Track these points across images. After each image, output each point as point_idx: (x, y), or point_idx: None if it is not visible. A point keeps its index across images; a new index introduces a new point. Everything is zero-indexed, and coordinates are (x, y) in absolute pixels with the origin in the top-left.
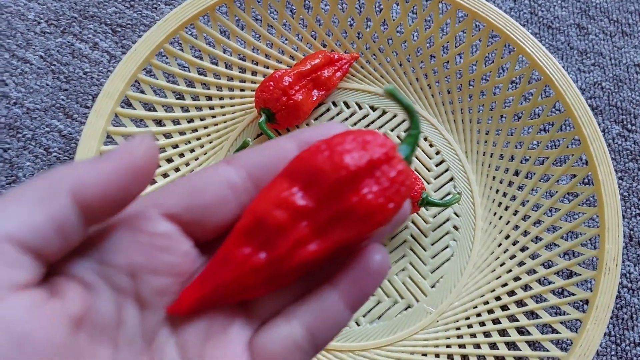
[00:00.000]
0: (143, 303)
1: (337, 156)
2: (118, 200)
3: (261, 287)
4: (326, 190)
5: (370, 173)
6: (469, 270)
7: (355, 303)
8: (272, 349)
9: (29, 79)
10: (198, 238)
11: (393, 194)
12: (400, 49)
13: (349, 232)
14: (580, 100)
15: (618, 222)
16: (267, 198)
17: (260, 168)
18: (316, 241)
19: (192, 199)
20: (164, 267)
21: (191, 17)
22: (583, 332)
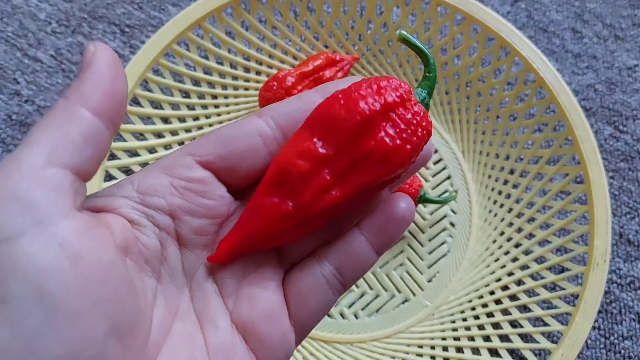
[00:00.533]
0: (183, 241)
1: (352, 103)
2: (119, 97)
3: (291, 233)
4: (344, 137)
5: (386, 116)
6: (465, 265)
7: (381, 246)
8: (304, 285)
9: (40, 77)
10: (231, 184)
11: (409, 136)
12: (400, 50)
13: (369, 175)
14: (572, 102)
15: (607, 219)
16: (290, 149)
17: (288, 118)
18: (338, 186)
19: (225, 148)
20: (201, 210)
21: (198, 19)
22: (572, 324)
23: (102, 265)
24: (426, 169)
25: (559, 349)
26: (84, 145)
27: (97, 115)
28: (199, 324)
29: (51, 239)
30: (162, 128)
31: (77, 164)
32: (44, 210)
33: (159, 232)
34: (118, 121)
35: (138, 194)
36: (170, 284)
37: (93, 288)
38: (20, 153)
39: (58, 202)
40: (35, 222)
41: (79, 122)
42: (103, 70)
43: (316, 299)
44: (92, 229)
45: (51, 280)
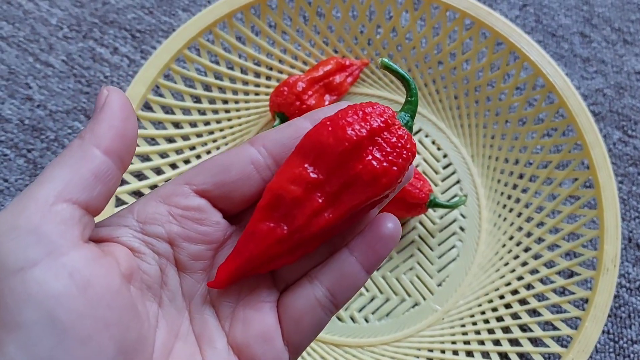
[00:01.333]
0: (181, 266)
1: (340, 130)
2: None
3: (286, 256)
4: (334, 162)
5: (373, 141)
6: (474, 270)
7: (370, 265)
8: (297, 307)
9: (51, 82)
10: (227, 210)
11: (395, 158)
12: (410, 55)
13: (359, 197)
14: (582, 107)
15: (617, 224)
16: (283, 176)
17: (279, 146)
18: (330, 209)
19: (220, 177)
20: (198, 236)
21: (209, 25)
22: (582, 329)
23: (109, 292)
24: (436, 173)
25: (569, 353)
26: (95, 182)
27: (108, 155)
28: (198, 345)
29: (61, 268)
30: (173, 133)
31: (86, 200)
32: (55, 242)
33: (159, 259)
34: (128, 160)
35: (138, 223)
36: (171, 307)
37: (101, 313)
38: (35, 188)
39: (67, 234)
40: (47, 252)
41: (91, 160)
42: (115, 112)
43: (309, 321)
44: (99, 258)
45: (62, 307)
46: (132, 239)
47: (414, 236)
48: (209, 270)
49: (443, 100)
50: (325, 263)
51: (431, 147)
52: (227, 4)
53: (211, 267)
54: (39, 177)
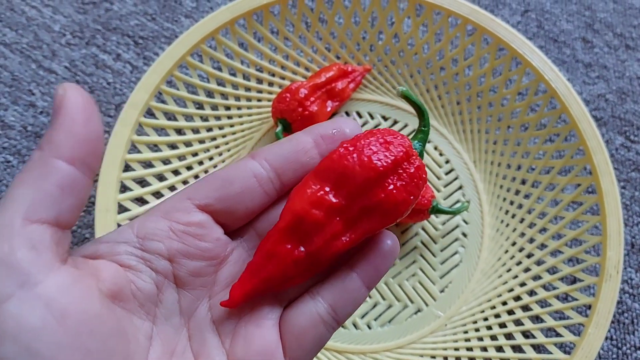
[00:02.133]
0: (181, 283)
1: (365, 158)
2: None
3: (301, 276)
4: (356, 189)
5: (394, 170)
6: (477, 276)
7: (371, 281)
8: (299, 323)
9: (54, 88)
10: (229, 225)
11: (413, 188)
12: (412, 61)
13: (377, 223)
14: (584, 113)
15: (620, 230)
16: (304, 198)
17: (281, 159)
18: (348, 233)
19: (223, 191)
20: (198, 252)
21: (211, 31)
22: (585, 335)
23: (89, 318)
24: (438, 179)
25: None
26: (62, 197)
27: (72, 164)
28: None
29: (36, 300)
30: (176, 139)
31: (55, 216)
32: (27, 271)
33: (156, 276)
34: (95, 165)
35: (138, 239)
36: (167, 325)
37: (81, 341)
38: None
39: (40, 260)
40: (20, 284)
41: (54, 174)
42: (74, 115)
43: (311, 337)
44: (76, 283)
45: (40, 340)
46: (129, 256)
47: (417, 242)
48: (211, 287)
49: (445, 106)
50: (327, 279)
51: (433, 152)
52: (230, 10)
53: (212, 283)
54: (3, 200)
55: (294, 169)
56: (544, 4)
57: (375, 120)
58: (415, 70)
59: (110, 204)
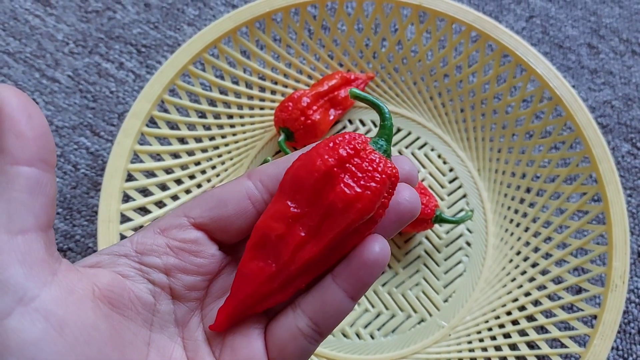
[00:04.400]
0: (176, 295)
1: (310, 162)
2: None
3: (278, 294)
4: (310, 195)
5: (343, 168)
6: (481, 285)
7: (355, 293)
8: (281, 336)
9: (57, 97)
10: (223, 242)
11: (367, 182)
12: (415, 68)
13: (337, 225)
14: (589, 121)
15: (626, 240)
16: (267, 214)
17: (276, 181)
18: (313, 241)
19: (217, 211)
20: (193, 268)
21: (214, 40)
22: (590, 347)
23: (85, 327)
24: (442, 187)
25: None
26: (33, 200)
27: (30, 165)
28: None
29: (35, 314)
30: (178, 149)
31: (34, 220)
32: (23, 286)
33: (153, 288)
34: (51, 158)
35: (136, 254)
36: (163, 334)
37: (80, 349)
38: None
39: (33, 272)
40: (18, 300)
41: (18, 180)
42: (15, 116)
43: (293, 350)
44: (72, 293)
45: (43, 351)
46: (128, 268)
47: (420, 251)
48: (203, 299)
49: (449, 113)
50: (309, 291)
51: (437, 160)
52: (232, 18)
53: (205, 296)
54: None
55: None
56: (549, 10)
57: None
58: (419, 78)
59: (113, 214)
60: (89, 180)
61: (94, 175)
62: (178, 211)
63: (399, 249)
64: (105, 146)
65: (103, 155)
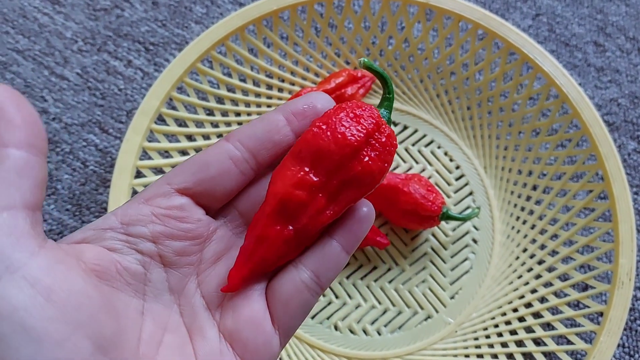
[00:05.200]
0: (167, 263)
1: (339, 135)
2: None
3: (292, 253)
4: (334, 165)
5: (367, 142)
6: (487, 282)
7: (349, 246)
8: (284, 291)
9: (66, 95)
10: (209, 206)
11: (387, 155)
12: (422, 66)
13: (357, 194)
14: (596, 118)
15: (632, 237)
16: (285, 181)
17: (255, 140)
18: (331, 206)
19: (200, 175)
20: (181, 233)
21: (222, 38)
22: (597, 343)
23: (75, 294)
24: (448, 185)
25: None
26: (20, 180)
27: (18, 148)
28: (189, 336)
29: (22, 280)
30: (187, 145)
31: (21, 199)
32: (10, 255)
33: (142, 257)
34: (42, 145)
35: (122, 225)
36: (157, 302)
37: (71, 315)
38: None
39: (19, 244)
40: (5, 267)
41: (6, 161)
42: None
43: (297, 303)
44: (59, 263)
45: (32, 316)
46: (114, 241)
47: (427, 248)
48: (198, 265)
49: (455, 111)
50: (309, 249)
51: (444, 158)
52: (240, 16)
53: (200, 262)
54: None
55: (268, 148)
56: (556, 8)
57: None
58: (426, 75)
59: None
60: (98, 177)
61: (102, 172)
62: (161, 180)
63: (406, 246)
64: (114, 143)
65: (112, 152)
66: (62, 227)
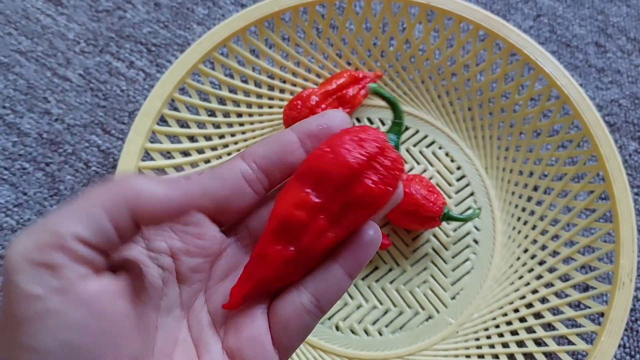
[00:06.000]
0: (181, 278)
1: (340, 157)
2: (170, 219)
3: (294, 273)
4: (335, 187)
5: (369, 165)
6: (489, 282)
7: (353, 271)
8: (285, 312)
9: (69, 96)
10: (222, 223)
11: (390, 179)
12: (423, 67)
13: (358, 217)
14: (597, 119)
15: (633, 237)
16: (287, 201)
17: (268, 162)
18: (332, 229)
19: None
20: (197, 250)
21: (224, 39)
22: (597, 344)
23: (120, 316)
24: (449, 186)
25: None
26: (114, 235)
27: (134, 216)
28: (196, 350)
29: (76, 299)
30: (188, 146)
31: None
32: (69, 277)
33: (162, 272)
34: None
35: (142, 239)
36: (169, 317)
37: (114, 336)
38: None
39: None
40: (62, 285)
41: (118, 214)
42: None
43: (296, 325)
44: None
45: (79, 334)
46: (140, 255)
47: (428, 249)
48: (206, 281)
49: (457, 112)
50: (312, 271)
51: (445, 159)
52: (242, 18)
53: (208, 278)
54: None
55: (281, 169)
56: (557, 9)
57: (386, 127)
58: (427, 76)
59: None
60: (100, 177)
61: (105, 173)
62: None
63: (407, 247)
64: (116, 144)
65: (114, 153)
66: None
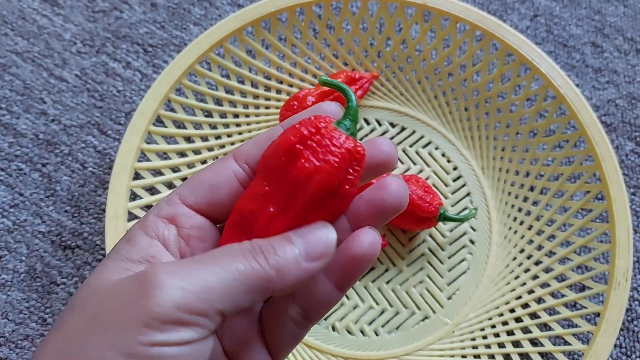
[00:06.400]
0: None
1: (276, 144)
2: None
3: None
4: (277, 173)
5: (305, 145)
6: (485, 283)
7: (343, 285)
8: (272, 320)
9: (65, 96)
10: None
11: (325, 155)
12: (419, 67)
13: (301, 198)
14: (593, 120)
15: (629, 238)
16: (244, 195)
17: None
18: (280, 216)
19: (210, 197)
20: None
21: (220, 40)
22: (593, 344)
23: None
24: (446, 186)
25: None
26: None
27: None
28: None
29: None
30: (185, 147)
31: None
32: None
33: None
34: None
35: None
36: None
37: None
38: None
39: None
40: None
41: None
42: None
43: (284, 334)
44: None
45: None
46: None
47: (424, 249)
48: None
49: (453, 112)
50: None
51: (441, 159)
52: (238, 18)
53: None
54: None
55: None
56: (553, 9)
57: (383, 127)
58: (424, 77)
59: (120, 212)
60: (97, 178)
61: (101, 174)
62: (174, 199)
63: (403, 247)
64: (113, 145)
65: (110, 154)
66: (61, 228)
